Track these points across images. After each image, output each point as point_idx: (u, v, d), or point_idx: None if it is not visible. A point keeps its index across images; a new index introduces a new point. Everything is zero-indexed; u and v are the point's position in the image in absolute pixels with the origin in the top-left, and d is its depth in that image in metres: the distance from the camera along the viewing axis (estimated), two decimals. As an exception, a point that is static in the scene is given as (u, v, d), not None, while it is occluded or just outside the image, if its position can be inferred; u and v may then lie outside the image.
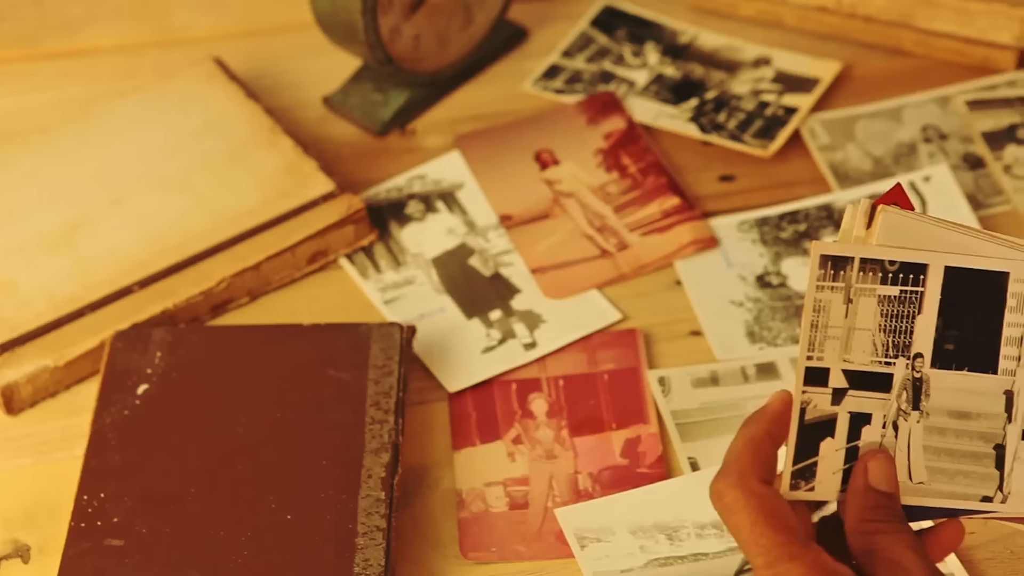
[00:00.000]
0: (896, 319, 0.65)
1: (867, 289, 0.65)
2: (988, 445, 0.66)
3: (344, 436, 0.84)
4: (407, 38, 1.03)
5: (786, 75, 1.06)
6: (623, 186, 1.01)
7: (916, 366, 0.65)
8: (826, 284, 0.65)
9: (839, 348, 0.65)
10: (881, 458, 0.66)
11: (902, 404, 0.66)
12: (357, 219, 0.97)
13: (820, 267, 0.65)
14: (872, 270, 0.65)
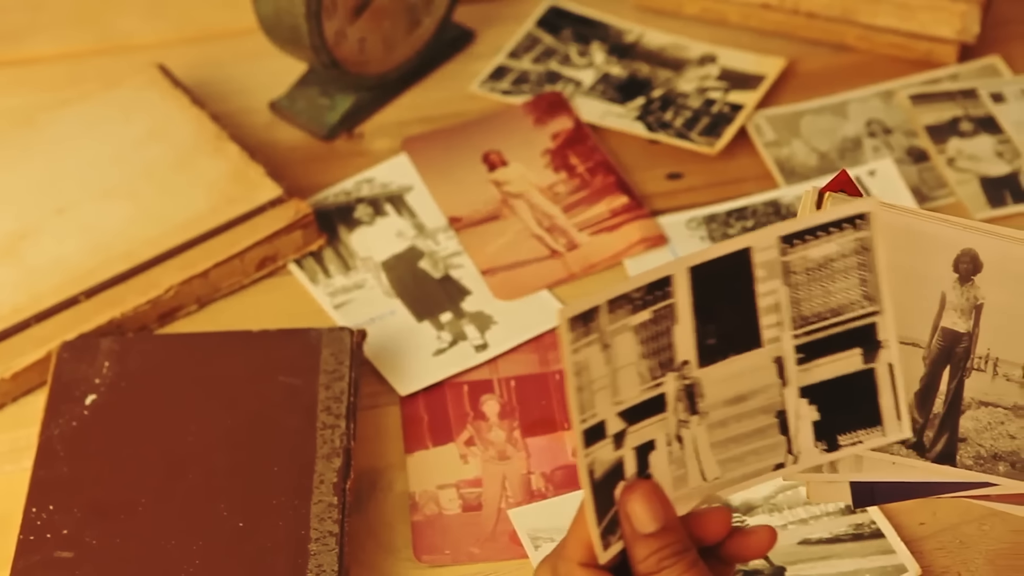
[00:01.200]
0: (655, 339, 0.64)
1: (620, 327, 0.63)
2: (770, 416, 0.66)
3: (295, 442, 0.84)
4: (352, 41, 1.03)
5: (731, 72, 1.06)
6: (571, 186, 1.01)
7: (685, 373, 0.65)
8: (580, 344, 0.62)
9: (608, 396, 0.63)
10: (638, 497, 0.64)
11: (680, 415, 0.65)
12: (305, 224, 0.97)
13: (571, 331, 0.62)
14: (620, 307, 0.63)
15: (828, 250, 0.64)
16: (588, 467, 0.63)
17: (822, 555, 0.81)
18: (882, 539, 0.81)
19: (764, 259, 0.64)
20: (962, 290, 0.67)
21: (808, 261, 0.64)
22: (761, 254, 0.64)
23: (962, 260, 0.66)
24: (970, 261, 0.67)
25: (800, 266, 0.64)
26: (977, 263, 0.67)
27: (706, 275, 0.63)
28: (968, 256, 0.66)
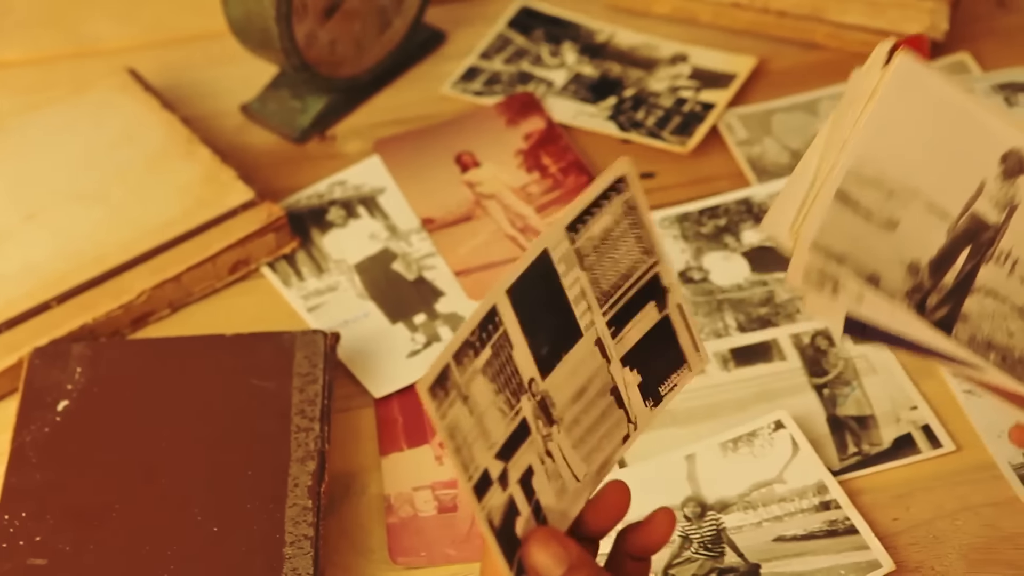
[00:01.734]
0: (502, 371, 0.64)
1: (470, 374, 0.63)
2: (606, 396, 0.68)
3: (269, 446, 0.84)
4: (323, 44, 1.03)
5: (702, 71, 1.07)
6: (544, 186, 1.01)
7: (534, 391, 0.65)
8: (445, 407, 0.62)
9: (483, 443, 0.64)
10: (537, 547, 0.64)
11: (542, 431, 0.66)
12: (278, 227, 0.96)
13: (433, 399, 0.62)
14: (465, 355, 0.63)
15: (604, 222, 0.67)
16: (487, 519, 0.64)
17: (796, 552, 0.81)
18: (856, 535, 0.81)
19: (560, 254, 0.66)
20: (1002, 184, 0.67)
21: (593, 239, 0.66)
22: (556, 251, 0.66)
23: (1010, 157, 0.67)
24: (1017, 162, 0.67)
25: (588, 247, 0.66)
26: (1021, 164, 0.67)
27: (522, 291, 0.64)
28: (1017, 156, 0.67)
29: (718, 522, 0.83)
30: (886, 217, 0.67)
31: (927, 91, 0.66)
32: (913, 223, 0.67)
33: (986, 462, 0.84)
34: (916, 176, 0.67)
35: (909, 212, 0.67)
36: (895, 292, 0.67)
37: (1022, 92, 1.03)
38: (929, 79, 0.66)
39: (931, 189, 0.67)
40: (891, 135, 0.66)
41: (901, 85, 0.65)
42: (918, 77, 0.66)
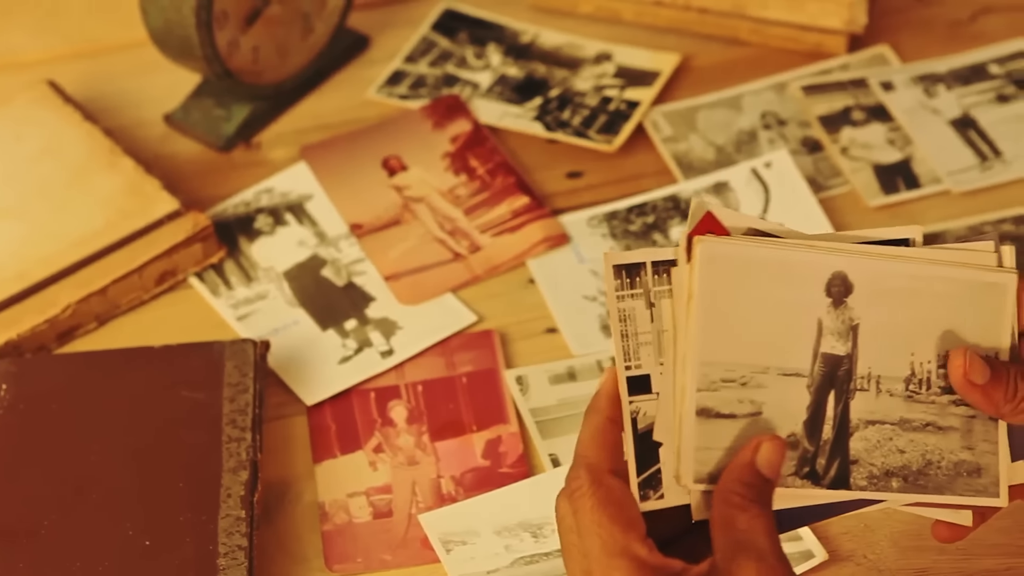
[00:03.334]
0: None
1: (665, 291, 0.66)
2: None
3: (201, 457, 0.83)
4: (245, 51, 1.02)
5: (627, 70, 1.07)
6: (472, 188, 1.01)
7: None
8: (625, 293, 0.65)
9: (653, 353, 0.66)
10: (775, 445, 0.66)
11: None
12: (204, 236, 0.96)
13: (616, 277, 0.65)
14: (666, 271, 0.66)
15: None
16: (632, 415, 0.65)
17: (731, 545, 0.81)
18: (789, 526, 0.82)
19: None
20: (836, 313, 0.67)
21: None
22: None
23: (833, 284, 0.67)
24: (841, 283, 0.67)
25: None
26: (848, 284, 0.67)
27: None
28: (838, 279, 0.67)
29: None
30: (748, 408, 0.66)
31: (735, 264, 0.65)
32: (775, 398, 0.66)
33: (914, 449, 0.84)
34: (759, 353, 0.66)
35: (767, 390, 0.66)
36: (783, 474, 0.66)
37: (940, 83, 1.04)
38: (733, 251, 0.65)
39: (778, 357, 0.66)
40: (722, 326, 0.66)
41: (710, 275, 0.65)
42: (721, 257, 0.65)
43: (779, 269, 0.66)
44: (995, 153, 1.00)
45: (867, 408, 0.67)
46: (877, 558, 0.80)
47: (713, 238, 0.66)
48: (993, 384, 0.69)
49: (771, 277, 0.66)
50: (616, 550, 0.64)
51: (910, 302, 0.67)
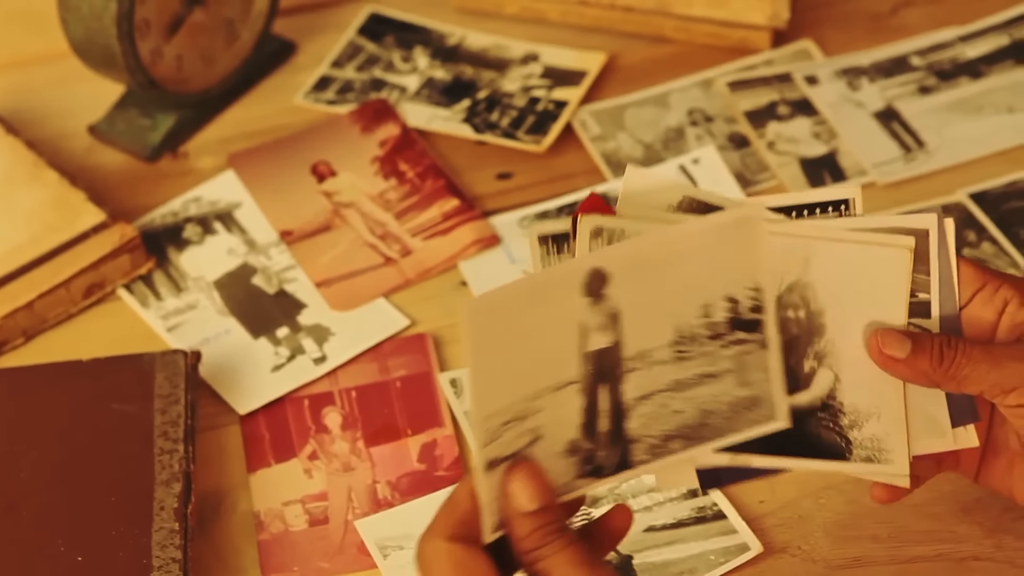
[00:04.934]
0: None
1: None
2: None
3: (133, 470, 0.83)
4: (169, 60, 1.02)
5: (554, 70, 1.07)
6: (402, 192, 1.01)
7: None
8: (551, 260, 0.66)
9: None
10: (520, 475, 0.65)
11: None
12: (132, 248, 0.95)
13: (540, 245, 0.67)
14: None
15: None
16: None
17: (667, 540, 0.82)
18: (724, 520, 0.82)
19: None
20: (597, 309, 0.66)
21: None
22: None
23: (589, 283, 0.66)
24: (596, 279, 0.66)
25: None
26: (602, 277, 0.66)
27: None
28: (593, 275, 0.66)
29: (589, 517, 0.83)
30: (526, 439, 0.66)
31: (496, 312, 0.64)
32: (551, 416, 0.66)
33: (846, 439, 0.85)
34: (530, 381, 0.66)
35: (545, 412, 0.66)
36: (568, 479, 0.67)
37: (863, 76, 1.05)
38: (490, 301, 0.64)
39: (549, 376, 0.66)
40: (495, 375, 0.65)
41: (476, 331, 0.64)
42: (483, 311, 0.64)
43: (533, 294, 0.65)
44: (918, 144, 1.01)
45: (639, 385, 0.67)
46: (811, 548, 0.81)
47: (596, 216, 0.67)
48: (916, 354, 0.70)
49: (528, 304, 0.65)
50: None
51: (664, 270, 0.66)
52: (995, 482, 0.76)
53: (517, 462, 0.65)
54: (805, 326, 0.71)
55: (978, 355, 0.70)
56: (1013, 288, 0.71)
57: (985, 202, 0.97)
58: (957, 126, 1.02)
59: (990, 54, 1.06)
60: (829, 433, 0.71)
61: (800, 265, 0.70)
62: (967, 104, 1.03)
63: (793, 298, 0.70)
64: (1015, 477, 0.75)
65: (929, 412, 0.73)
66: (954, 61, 1.06)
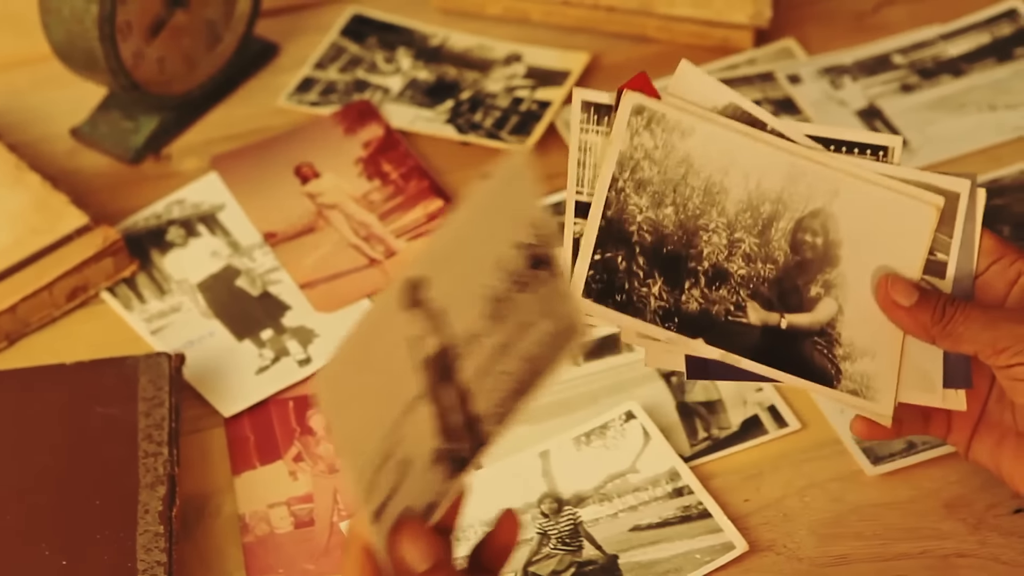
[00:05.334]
0: None
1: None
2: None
3: (117, 473, 0.82)
4: (151, 62, 1.01)
5: (537, 70, 1.07)
6: (386, 193, 1.01)
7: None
8: (590, 127, 0.69)
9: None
10: (407, 536, 0.63)
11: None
12: (115, 251, 0.95)
13: (583, 111, 0.70)
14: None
15: None
16: (575, 236, 0.71)
17: (652, 540, 0.82)
18: (709, 519, 0.82)
19: None
20: (421, 313, 0.62)
21: None
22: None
23: (407, 295, 0.62)
24: (411, 289, 0.62)
25: None
26: (416, 284, 0.62)
27: None
28: (407, 286, 0.62)
29: (575, 516, 0.83)
30: (398, 472, 0.63)
31: (344, 372, 0.61)
32: (411, 437, 0.63)
33: (830, 438, 0.85)
34: (385, 416, 0.63)
35: (406, 439, 0.63)
36: (441, 490, 0.65)
37: (846, 74, 1.05)
38: (334, 365, 0.61)
39: (397, 403, 0.63)
40: (352, 429, 0.62)
41: (328, 399, 0.61)
42: (332, 377, 0.61)
43: (367, 336, 0.62)
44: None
45: (474, 365, 0.64)
46: (796, 547, 0.81)
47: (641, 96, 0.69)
48: (920, 306, 0.72)
49: (366, 348, 0.62)
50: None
51: (462, 249, 0.63)
52: (984, 457, 0.77)
53: (399, 523, 0.63)
54: (820, 252, 0.72)
55: (975, 315, 0.71)
56: None
57: (967, 200, 0.97)
58: (939, 124, 1.02)
59: (971, 52, 1.06)
60: (822, 358, 0.73)
61: (827, 195, 0.72)
62: (949, 102, 1.03)
63: (814, 224, 0.72)
64: (1004, 453, 0.76)
65: (924, 367, 0.74)
66: (936, 59, 1.06)
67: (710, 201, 0.71)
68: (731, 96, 0.72)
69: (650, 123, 0.70)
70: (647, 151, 0.70)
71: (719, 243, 0.71)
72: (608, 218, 0.70)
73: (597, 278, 0.70)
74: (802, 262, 0.72)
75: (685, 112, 0.70)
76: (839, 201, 0.72)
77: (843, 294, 0.73)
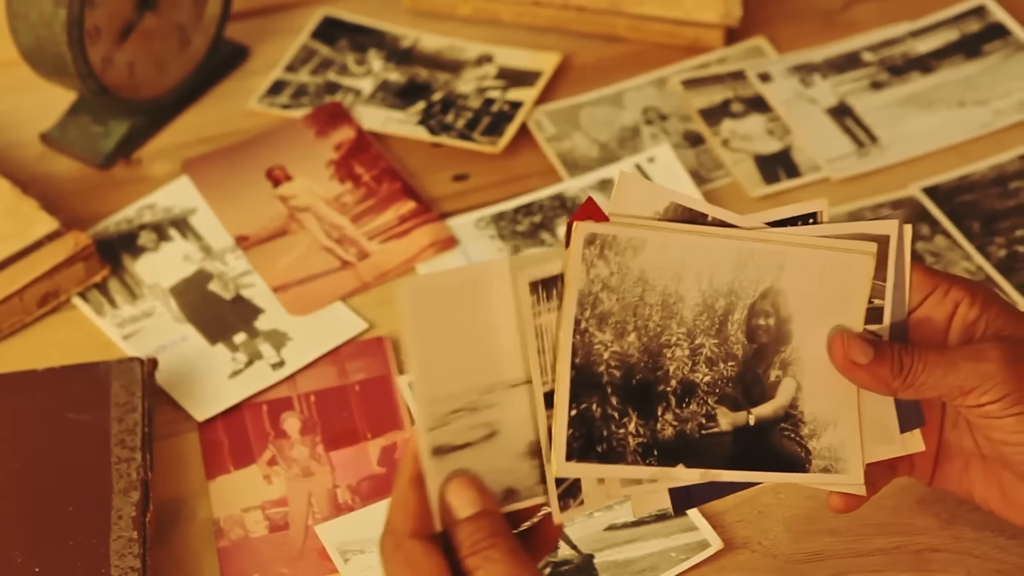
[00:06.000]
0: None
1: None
2: None
3: (90, 479, 0.82)
4: (120, 66, 1.01)
5: (508, 70, 1.07)
6: (358, 195, 1.01)
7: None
8: (541, 309, 0.65)
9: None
10: (456, 483, 0.65)
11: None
12: (86, 256, 0.94)
13: (532, 293, 0.65)
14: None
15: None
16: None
17: (628, 539, 0.82)
18: (684, 517, 0.83)
19: None
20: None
21: None
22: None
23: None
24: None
25: None
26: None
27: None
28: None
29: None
30: (483, 432, 0.66)
31: (438, 295, 0.64)
32: (507, 413, 0.66)
33: (804, 434, 0.86)
34: (480, 374, 0.65)
35: (499, 407, 0.66)
36: (529, 484, 0.67)
37: (816, 72, 1.06)
38: (433, 283, 0.65)
39: (500, 371, 0.66)
40: (440, 359, 0.64)
41: (417, 311, 0.64)
42: (424, 291, 0.64)
43: (475, 287, 0.65)
44: (871, 139, 1.02)
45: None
46: (771, 544, 0.81)
47: (591, 223, 0.66)
48: (878, 362, 0.70)
49: (471, 296, 0.65)
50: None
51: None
52: (951, 484, 0.76)
53: (454, 475, 0.65)
54: (774, 333, 0.71)
55: (934, 360, 0.70)
56: (963, 289, 0.72)
57: (938, 196, 0.98)
58: (909, 121, 1.02)
59: (940, 49, 1.06)
60: (791, 444, 0.71)
61: (774, 272, 0.70)
62: (919, 99, 1.04)
63: (765, 305, 0.70)
64: (972, 478, 0.75)
65: (880, 419, 0.73)
66: (905, 56, 1.06)
67: (668, 314, 0.69)
68: (671, 196, 0.70)
69: (603, 250, 0.67)
70: (604, 281, 0.67)
71: (682, 356, 0.69)
72: (577, 366, 0.67)
73: (576, 435, 0.67)
74: (759, 348, 0.71)
75: (633, 226, 0.68)
76: (785, 275, 0.70)
77: (799, 369, 0.71)
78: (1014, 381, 0.69)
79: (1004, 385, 0.69)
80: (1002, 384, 0.69)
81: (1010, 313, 0.72)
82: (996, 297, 0.72)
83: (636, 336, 0.68)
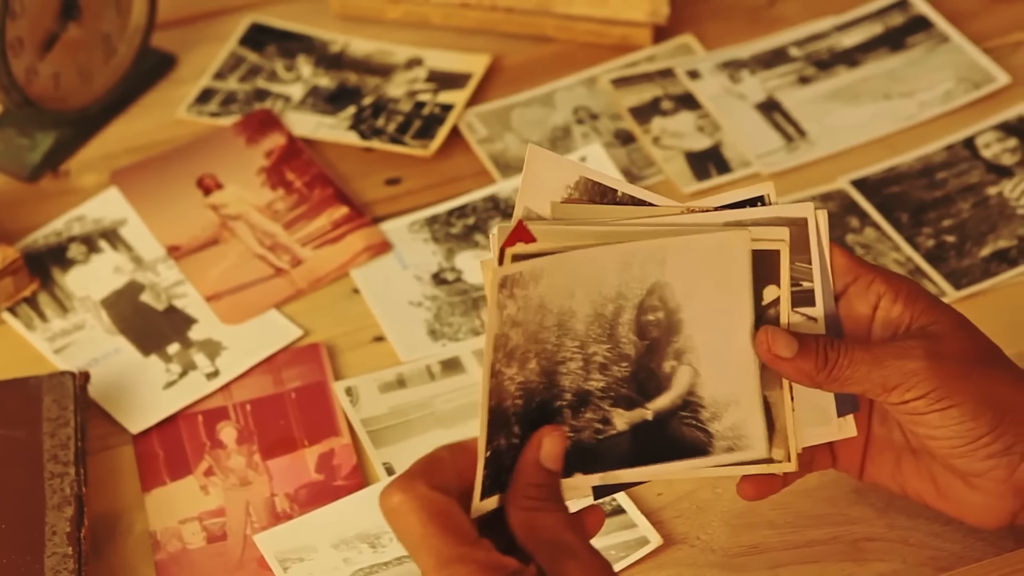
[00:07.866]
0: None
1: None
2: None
3: (22, 495, 0.81)
4: (45, 77, 1.00)
5: (439, 73, 1.07)
6: (290, 202, 1.00)
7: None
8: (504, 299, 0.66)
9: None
10: (556, 436, 0.68)
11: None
12: (14, 270, 0.93)
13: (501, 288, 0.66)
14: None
15: None
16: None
17: (568, 538, 0.82)
18: (623, 514, 0.83)
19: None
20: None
21: None
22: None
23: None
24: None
25: None
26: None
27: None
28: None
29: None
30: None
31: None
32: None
33: (739, 428, 0.86)
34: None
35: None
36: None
37: (744, 68, 1.07)
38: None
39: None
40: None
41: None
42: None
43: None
44: (800, 134, 1.03)
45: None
46: (709, 538, 0.81)
47: (522, 245, 0.66)
48: (802, 356, 0.71)
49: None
50: (453, 557, 0.64)
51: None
52: (884, 479, 0.77)
53: (553, 428, 0.68)
54: (665, 326, 0.71)
55: (859, 356, 0.71)
56: (885, 283, 0.72)
57: (866, 188, 0.99)
58: (837, 114, 1.03)
59: (865, 43, 1.07)
60: (691, 431, 0.72)
61: (658, 267, 0.70)
62: (845, 92, 1.05)
63: (653, 301, 0.71)
64: (904, 473, 0.76)
65: (817, 401, 0.74)
66: (831, 51, 1.07)
67: (563, 332, 0.69)
68: (581, 170, 0.70)
69: (512, 289, 0.67)
70: (512, 318, 0.67)
71: (576, 368, 0.69)
72: (491, 409, 0.67)
73: (488, 473, 0.67)
74: (651, 344, 0.71)
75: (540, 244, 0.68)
76: (668, 268, 0.70)
77: (695, 356, 0.72)
78: (938, 378, 0.70)
79: (928, 382, 0.70)
80: (926, 381, 0.70)
81: (936, 307, 0.73)
82: (921, 292, 0.73)
83: (536, 362, 0.69)
